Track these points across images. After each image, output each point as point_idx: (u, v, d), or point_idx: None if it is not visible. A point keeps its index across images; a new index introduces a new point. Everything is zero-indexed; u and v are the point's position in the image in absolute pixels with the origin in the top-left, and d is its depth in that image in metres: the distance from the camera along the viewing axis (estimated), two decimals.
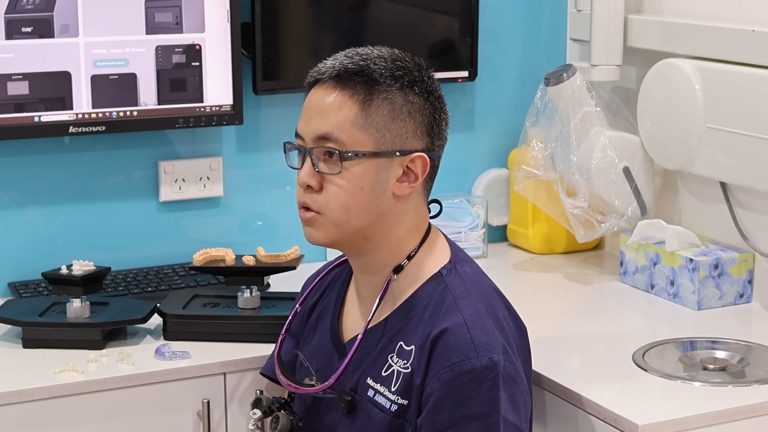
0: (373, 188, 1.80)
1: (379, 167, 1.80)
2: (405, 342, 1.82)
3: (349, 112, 1.79)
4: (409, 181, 1.83)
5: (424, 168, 1.83)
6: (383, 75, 1.80)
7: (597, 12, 2.62)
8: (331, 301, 1.99)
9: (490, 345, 1.76)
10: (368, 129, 1.79)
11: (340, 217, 1.81)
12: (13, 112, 2.43)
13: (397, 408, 1.80)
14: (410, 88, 1.81)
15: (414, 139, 1.82)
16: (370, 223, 1.82)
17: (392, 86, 1.80)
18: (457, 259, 1.88)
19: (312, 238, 1.85)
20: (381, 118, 1.79)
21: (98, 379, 2.11)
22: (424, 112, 1.83)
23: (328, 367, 1.92)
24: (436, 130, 1.84)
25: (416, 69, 1.84)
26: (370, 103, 1.79)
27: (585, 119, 2.61)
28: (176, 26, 2.52)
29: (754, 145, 2.34)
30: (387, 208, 1.82)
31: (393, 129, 1.80)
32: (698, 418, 1.93)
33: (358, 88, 1.79)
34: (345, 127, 1.79)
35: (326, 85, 1.81)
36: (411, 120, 1.81)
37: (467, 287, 1.83)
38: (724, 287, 2.47)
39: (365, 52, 1.84)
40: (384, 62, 1.81)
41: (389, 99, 1.80)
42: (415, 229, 1.87)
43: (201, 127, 2.58)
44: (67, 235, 2.60)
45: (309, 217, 1.83)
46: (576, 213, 2.61)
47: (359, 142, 1.79)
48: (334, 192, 1.80)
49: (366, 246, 1.85)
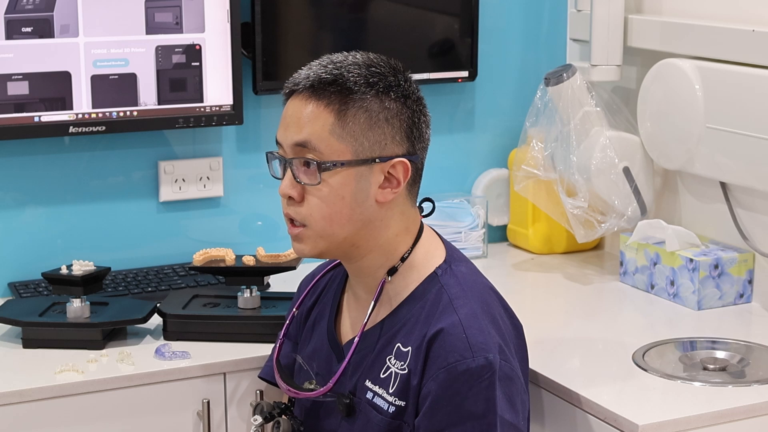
0: (354, 197, 1.80)
1: (359, 175, 1.80)
2: (402, 343, 1.82)
3: (325, 122, 1.78)
4: (392, 187, 1.82)
5: (405, 173, 1.82)
6: (357, 83, 1.79)
7: (597, 12, 2.62)
8: (328, 303, 1.99)
9: (486, 344, 1.76)
10: (345, 138, 1.78)
11: (324, 228, 1.81)
12: (13, 112, 2.43)
13: (395, 409, 1.80)
14: (386, 93, 1.80)
15: (393, 145, 1.81)
16: (355, 231, 1.82)
17: (367, 93, 1.79)
18: (452, 258, 1.88)
19: (300, 252, 1.85)
20: (358, 127, 1.79)
21: (98, 379, 2.11)
22: (402, 117, 1.81)
23: (327, 370, 1.92)
24: (416, 134, 1.83)
25: (392, 73, 1.82)
26: (345, 113, 1.78)
27: (585, 119, 2.61)
28: (176, 26, 2.52)
29: (754, 145, 2.34)
30: (371, 215, 1.82)
31: (371, 136, 1.79)
32: (698, 418, 1.94)
33: (332, 98, 1.78)
34: (322, 137, 1.78)
35: (302, 96, 1.81)
36: (389, 126, 1.80)
37: (463, 287, 1.83)
38: (724, 287, 2.47)
39: (339, 60, 1.83)
40: (358, 69, 1.80)
41: (364, 107, 1.79)
42: (405, 231, 1.87)
43: (201, 127, 2.58)
44: (67, 235, 2.60)
45: (296, 233, 1.84)
46: (576, 213, 2.61)
47: (337, 152, 1.78)
48: (316, 203, 1.80)
49: (355, 252, 1.85)
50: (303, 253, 1.85)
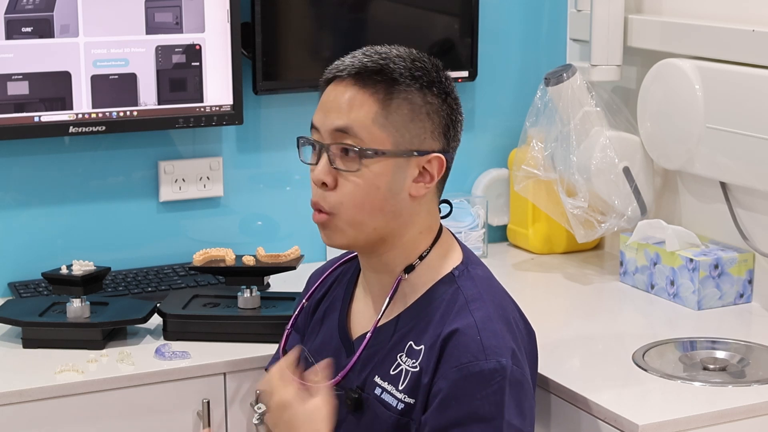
0: (389, 188, 1.80)
1: (397, 167, 1.80)
2: (415, 341, 1.82)
3: (369, 110, 1.78)
4: (425, 182, 1.82)
5: (440, 169, 1.83)
6: (403, 75, 1.79)
7: (597, 12, 2.62)
8: (339, 297, 1.98)
9: (499, 348, 1.76)
10: (388, 128, 1.78)
11: (354, 216, 1.80)
12: (13, 112, 2.43)
13: (404, 406, 1.80)
14: (429, 88, 1.81)
15: (431, 140, 1.82)
16: (384, 224, 1.81)
17: (412, 86, 1.80)
18: (469, 261, 1.88)
19: (330, 240, 1.84)
20: (400, 118, 1.79)
21: (98, 379, 2.11)
22: (442, 114, 1.82)
23: (335, 364, 1.91)
24: (452, 132, 1.85)
25: (434, 69, 1.83)
26: (390, 103, 1.78)
27: (585, 119, 2.61)
28: (176, 26, 2.52)
29: (754, 145, 2.34)
30: (401, 209, 1.82)
31: (412, 129, 1.80)
32: (698, 418, 1.94)
33: (378, 87, 1.78)
34: (365, 124, 1.78)
35: (345, 83, 1.80)
36: (429, 121, 1.81)
37: (479, 289, 1.83)
38: (724, 287, 2.47)
39: (384, 51, 1.83)
40: (403, 62, 1.81)
41: (409, 99, 1.79)
42: (428, 230, 1.87)
43: (201, 127, 2.58)
44: (67, 235, 2.60)
45: (323, 220, 1.82)
46: (576, 213, 2.61)
47: (378, 141, 1.78)
48: (350, 190, 1.79)
49: (380, 247, 1.85)
50: (332, 242, 1.84)
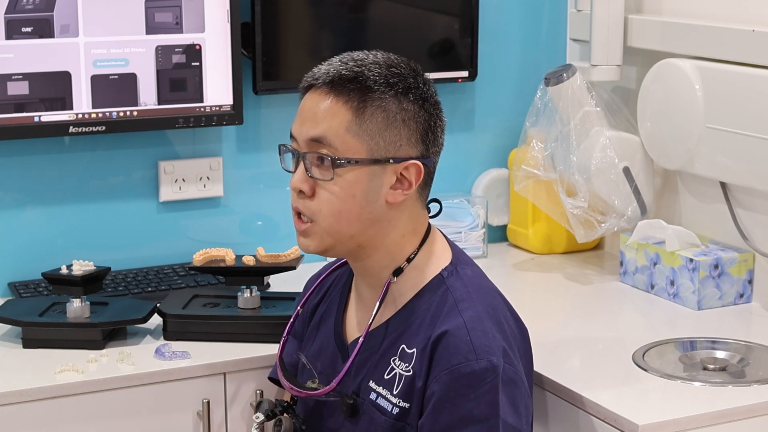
0: (365, 196, 1.80)
1: (372, 174, 1.79)
2: (407, 345, 1.82)
3: (342, 118, 1.78)
4: (403, 189, 1.82)
5: (418, 175, 1.82)
6: (377, 82, 1.79)
7: (597, 12, 2.62)
8: (334, 302, 1.99)
9: (490, 347, 1.75)
10: (362, 136, 1.78)
11: (332, 224, 1.81)
12: (13, 112, 2.43)
13: (399, 411, 1.80)
14: (405, 95, 1.80)
15: (408, 147, 1.81)
16: (362, 230, 1.82)
17: (386, 93, 1.79)
18: (458, 261, 1.88)
19: (306, 247, 1.85)
20: (375, 126, 1.78)
21: (98, 379, 2.11)
22: (419, 120, 1.81)
23: (332, 369, 1.91)
24: (431, 137, 1.83)
25: (411, 75, 1.82)
26: (363, 111, 1.78)
27: (585, 119, 2.61)
28: (176, 26, 2.52)
29: (754, 145, 2.34)
30: (380, 215, 1.82)
31: (387, 136, 1.79)
32: (698, 418, 1.94)
33: (351, 95, 1.78)
34: (338, 133, 1.78)
35: (320, 91, 1.80)
36: (405, 127, 1.80)
37: (468, 289, 1.83)
38: (724, 287, 2.47)
39: (360, 57, 1.83)
40: (379, 68, 1.80)
41: (383, 107, 1.79)
42: (412, 233, 1.87)
43: (201, 127, 2.58)
44: (67, 235, 2.60)
45: (303, 229, 1.83)
46: (576, 213, 2.61)
47: (352, 149, 1.78)
48: (327, 199, 1.80)
49: (360, 252, 1.85)
50: (308, 249, 1.85)
